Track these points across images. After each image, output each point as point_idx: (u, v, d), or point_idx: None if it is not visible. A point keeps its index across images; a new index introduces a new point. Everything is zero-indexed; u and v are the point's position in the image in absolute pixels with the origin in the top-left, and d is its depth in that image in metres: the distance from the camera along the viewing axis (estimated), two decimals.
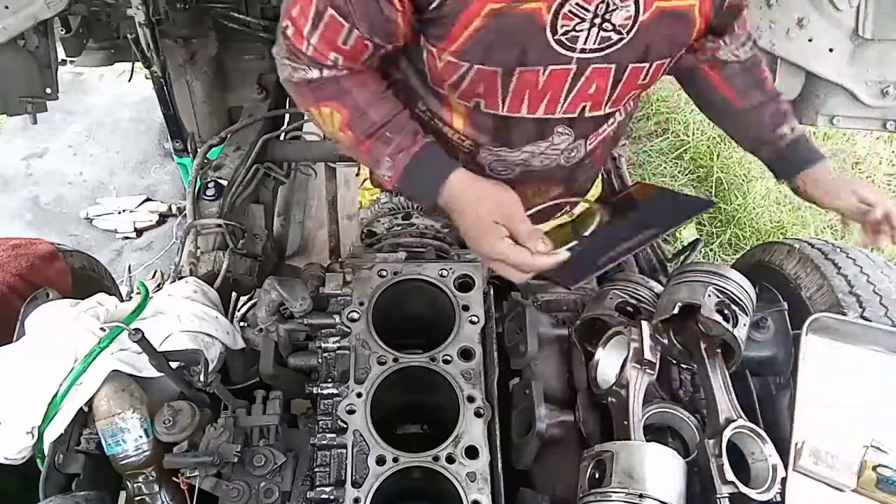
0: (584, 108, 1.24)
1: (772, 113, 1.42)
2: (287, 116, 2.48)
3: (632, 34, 1.09)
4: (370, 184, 1.78)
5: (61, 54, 2.25)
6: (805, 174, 1.40)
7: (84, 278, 1.75)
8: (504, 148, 1.33)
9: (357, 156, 1.31)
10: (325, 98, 1.22)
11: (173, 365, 1.19)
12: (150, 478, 1.17)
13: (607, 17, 1.06)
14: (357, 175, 1.91)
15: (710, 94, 1.46)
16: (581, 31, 1.07)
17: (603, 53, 1.12)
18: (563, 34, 1.07)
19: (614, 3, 1.04)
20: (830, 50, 1.59)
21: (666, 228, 1.54)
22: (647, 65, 1.17)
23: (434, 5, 1.04)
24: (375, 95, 1.24)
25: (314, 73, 1.19)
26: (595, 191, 1.72)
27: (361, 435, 1.15)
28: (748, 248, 2.67)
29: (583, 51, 1.11)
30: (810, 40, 1.58)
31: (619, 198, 1.86)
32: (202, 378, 1.21)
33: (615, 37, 1.09)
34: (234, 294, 1.86)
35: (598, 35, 1.09)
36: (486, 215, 1.15)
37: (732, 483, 1.00)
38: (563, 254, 1.11)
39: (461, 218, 1.20)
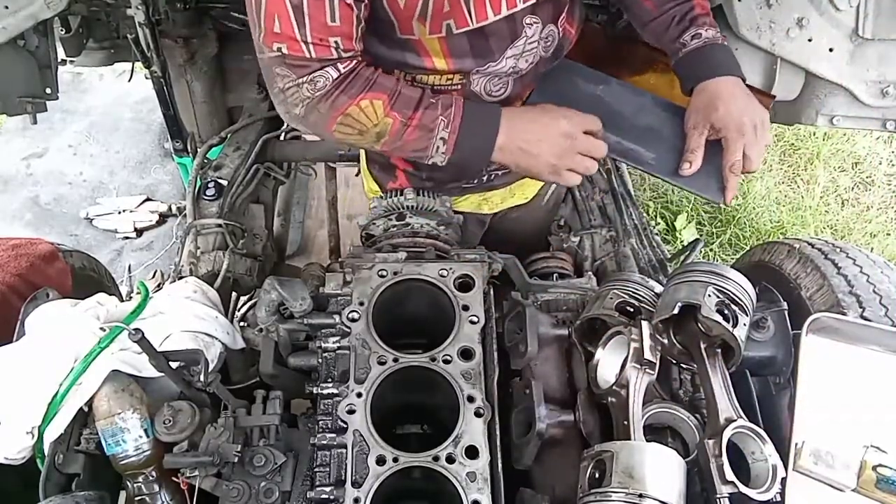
0: None
1: (678, 19, 1.39)
2: None
3: None
4: (369, 193, 1.81)
5: (61, 54, 2.25)
6: (698, 87, 1.37)
7: (84, 278, 1.75)
8: (489, 63, 1.34)
9: (405, 137, 1.30)
10: (358, 93, 1.24)
11: (173, 365, 1.19)
12: (150, 478, 1.17)
13: None
14: (357, 175, 1.92)
15: (633, 2, 1.46)
16: None
17: None
18: None
19: None
20: (830, 50, 1.59)
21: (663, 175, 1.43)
22: None
23: None
24: (397, 79, 1.29)
25: (332, 73, 1.21)
26: None
27: (361, 435, 1.15)
28: (748, 248, 2.68)
29: None
30: (810, 40, 1.58)
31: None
32: (202, 378, 1.21)
33: None
34: (234, 294, 1.86)
35: None
36: (551, 141, 1.29)
37: (732, 483, 1.00)
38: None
39: (527, 158, 1.32)
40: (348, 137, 1.33)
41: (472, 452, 1.13)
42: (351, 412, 1.17)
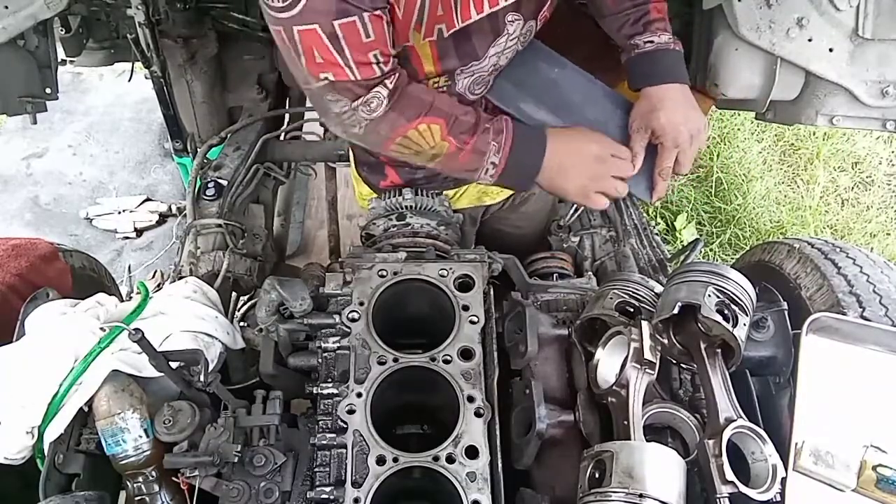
0: None
1: (632, 21, 1.42)
2: (287, 116, 2.48)
3: None
4: (360, 198, 1.82)
5: (61, 54, 2.25)
6: (643, 91, 1.42)
7: (84, 278, 1.75)
8: (473, 62, 1.36)
9: (459, 159, 1.35)
10: (414, 117, 1.28)
11: (173, 365, 1.19)
12: (150, 478, 1.17)
13: None
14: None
15: None
16: None
17: None
18: None
19: None
20: (830, 50, 1.59)
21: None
22: None
23: None
24: (446, 97, 1.33)
25: (382, 92, 1.23)
26: None
27: (361, 435, 1.15)
28: (748, 248, 2.68)
29: None
30: (810, 40, 1.58)
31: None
32: (202, 378, 1.21)
33: None
34: (234, 294, 1.86)
35: None
36: (585, 164, 1.35)
37: (732, 483, 1.00)
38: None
39: (561, 180, 1.37)
40: (403, 155, 1.37)
41: (472, 452, 1.13)
42: (351, 412, 1.17)
